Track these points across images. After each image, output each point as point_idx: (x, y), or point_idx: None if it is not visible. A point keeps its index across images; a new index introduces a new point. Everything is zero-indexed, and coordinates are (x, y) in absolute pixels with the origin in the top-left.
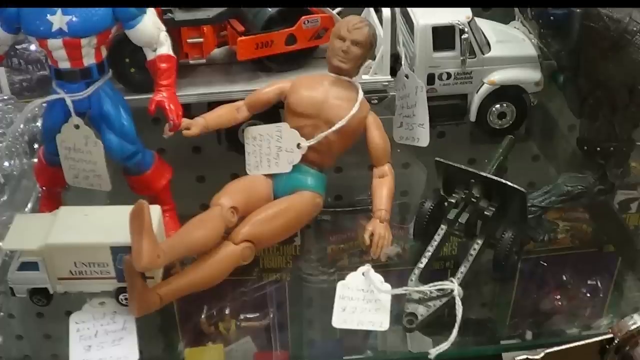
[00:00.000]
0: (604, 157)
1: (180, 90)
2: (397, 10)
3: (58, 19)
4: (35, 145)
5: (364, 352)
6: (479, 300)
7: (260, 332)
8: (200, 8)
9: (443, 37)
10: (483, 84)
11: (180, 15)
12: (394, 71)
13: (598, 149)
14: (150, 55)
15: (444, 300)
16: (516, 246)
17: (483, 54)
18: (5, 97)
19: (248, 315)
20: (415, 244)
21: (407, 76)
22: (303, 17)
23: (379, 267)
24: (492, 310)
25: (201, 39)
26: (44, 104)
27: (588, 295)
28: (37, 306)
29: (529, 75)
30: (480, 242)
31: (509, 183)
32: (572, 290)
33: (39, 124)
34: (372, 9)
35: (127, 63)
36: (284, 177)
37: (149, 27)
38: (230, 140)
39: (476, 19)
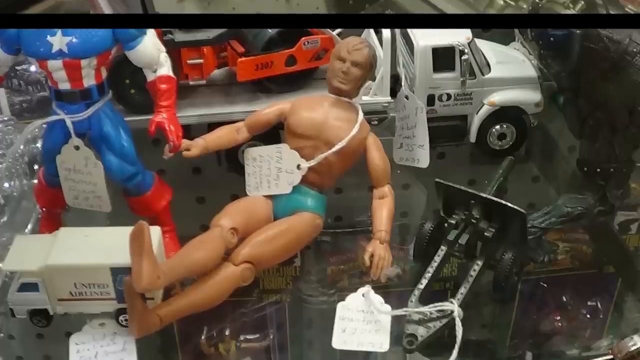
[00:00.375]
0: (604, 178)
1: (180, 111)
2: (397, 31)
3: (58, 40)
4: (35, 167)
5: None
6: (479, 321)
7: (260, 353)
8: (200, 29)
9: (443, 58)
10: (483, 105)
11: (180, 36)
12: (394, 92)
13: (598, 170)
14: (150, 76)
15: (444, 321)
16: (516, 267)
17: (483, 75)
18: (5, 118)
19: (248, 336)
20: (415, 265)
21: (407, 97)
22: (303, 38)
23: (379, 288)
24: (492, 331)
25: (201, 60)
26: (44, 125)
27: (588, 316)
28: (37, 327)
29: (529, 97)
30: (480, 263)
31: (509, 204)
32: (572, 311)
33: (39, 145)
34: (372, 30)
35: (127, 84)
36: (284, 198)
37: (149, 48)
38: (230, 161)
39: (476, 40)
